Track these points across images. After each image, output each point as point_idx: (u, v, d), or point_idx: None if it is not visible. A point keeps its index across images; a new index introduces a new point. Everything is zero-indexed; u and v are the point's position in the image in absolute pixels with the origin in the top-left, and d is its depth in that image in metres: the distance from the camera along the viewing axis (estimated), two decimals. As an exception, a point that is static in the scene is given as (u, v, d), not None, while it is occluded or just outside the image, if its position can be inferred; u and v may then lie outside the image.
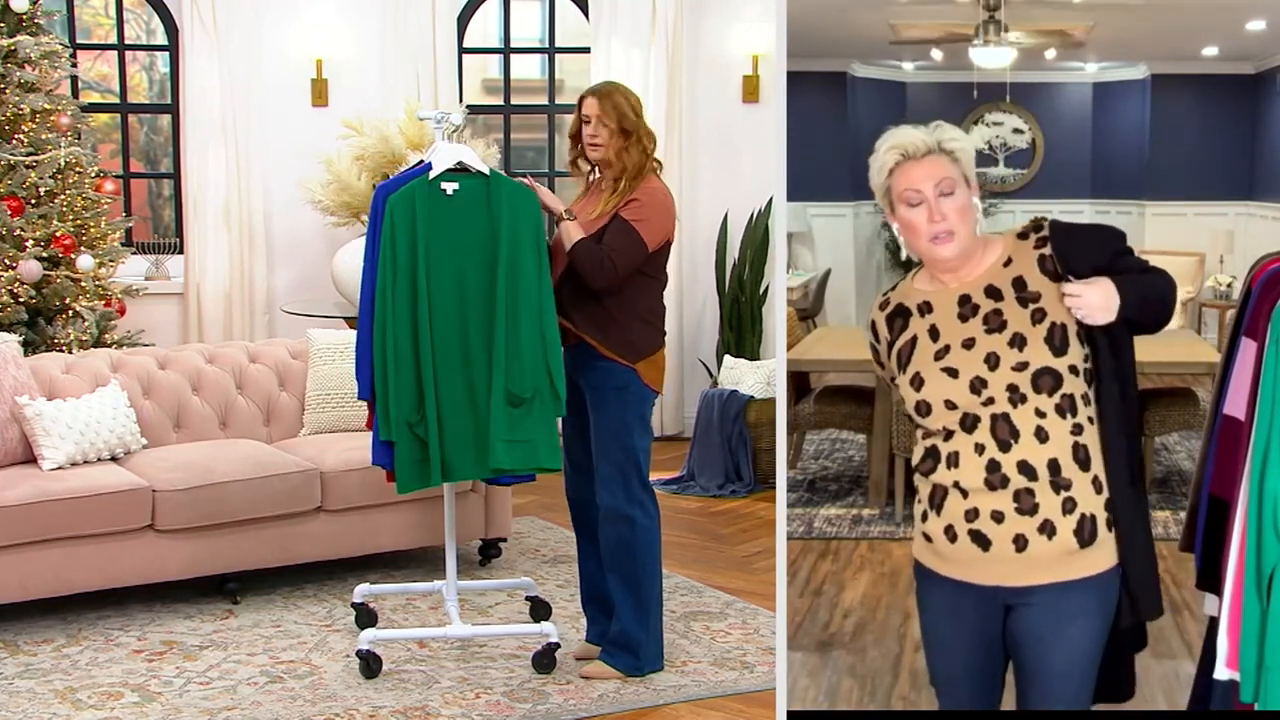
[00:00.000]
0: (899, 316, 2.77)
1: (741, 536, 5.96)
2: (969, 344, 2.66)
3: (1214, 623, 2.73)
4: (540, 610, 4.85)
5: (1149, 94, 4.94)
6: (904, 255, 2.76)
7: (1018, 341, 2.63)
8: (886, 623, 3.95)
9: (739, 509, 6.41)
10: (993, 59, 4.66)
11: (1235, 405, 2.68)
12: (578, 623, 4.80)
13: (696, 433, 6.90)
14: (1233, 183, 4.64)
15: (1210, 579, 2.72)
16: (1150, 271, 2.66)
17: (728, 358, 7.21)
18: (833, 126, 4.46)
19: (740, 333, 7.47)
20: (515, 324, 4.21)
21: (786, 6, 2.88)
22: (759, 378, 6.93)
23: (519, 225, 4.25)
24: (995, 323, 2.65)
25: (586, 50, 7.79)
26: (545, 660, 4.38)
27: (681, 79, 7.64)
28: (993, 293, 2.68)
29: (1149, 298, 2.62)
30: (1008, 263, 2.69)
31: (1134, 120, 5.00)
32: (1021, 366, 2.61)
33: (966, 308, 2.68)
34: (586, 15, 7.80)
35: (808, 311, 4.91)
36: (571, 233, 4.16)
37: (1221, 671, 2.59)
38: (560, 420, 4.25)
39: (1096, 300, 2.58)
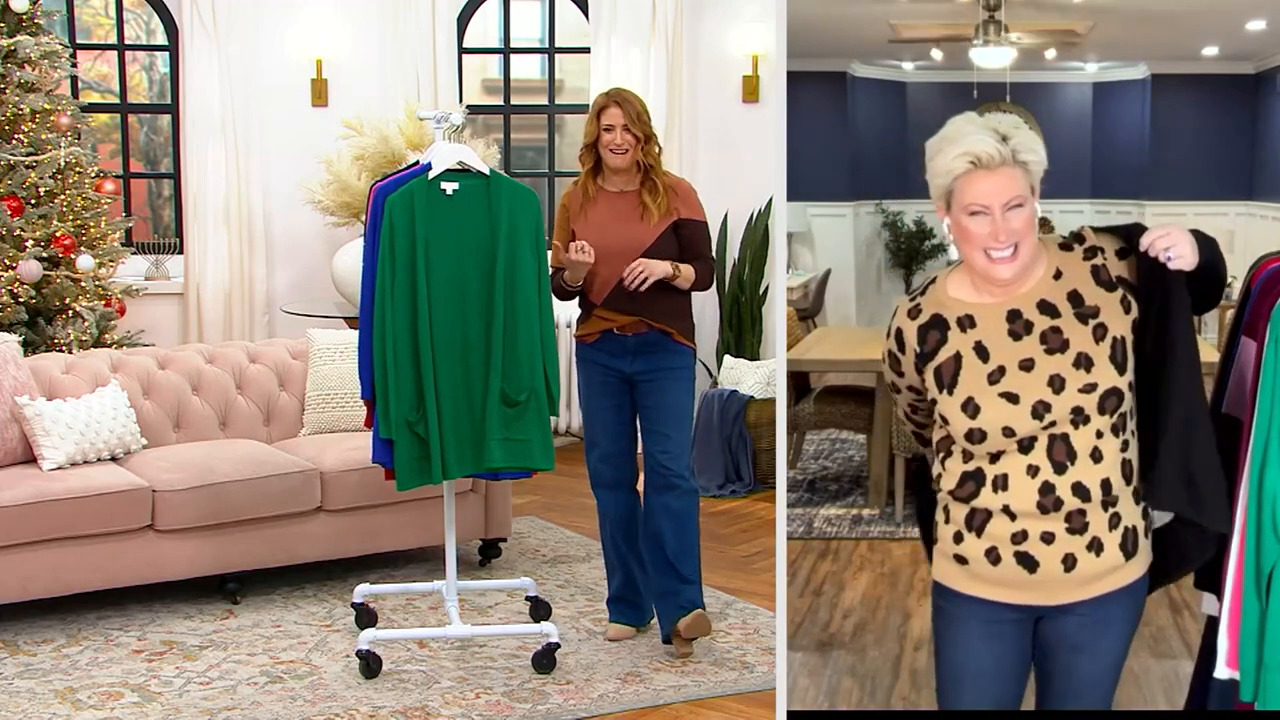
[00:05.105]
0: (934, 329, 2.55)
1: (741, 536, 5.96)
2: (1027, 365, 2.48)
3: (1212, 622, 2.73)
4: (540, 610, 4.85)
5: (1149, 94, 4.94)
6: (949, 258, 2.57)
7: (1083, 362, 2.46)
8: (886, 623, 3.95)
9: (739, 509, 6.41)
10: (993, 59, 4.66)
11: (1235, 405, 2.68)
12: (578, 623, 4.80)
13: (696, 433, 6.89)
14: (1233, 183, 4.63)
15: (1209, 578, 2.72)
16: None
17: (728, 358, 7.21)
18: (833, 126, 4.46)
19: (740, 333, 7.47)
20: (513, 325, 4.22)
21: (786, 6, 2.88)
22: (759, 378, 6.93)
23: (518, 226, 4.25)
24: (1055, 342, 2.48)
25: (586, 50, 7.79)
26: (545, 660, 4.38)
27: (681, 79, 7.64)
28: (1047, 309, 2.50)
29: (1214, 252, 2.53)
30: (1058, 275, 2.52)
31: (1134, 120, 5.00)
32: (1089, 388, 2.45)
33: (1018, 324, 2.50)
34: (586, 15, 7.80)
35: (808, 311, 4.91)
36: (685, 273, 4.38)
37: (1221, 670, 2.60)
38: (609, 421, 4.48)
39: (1185, 243, 2.46)
